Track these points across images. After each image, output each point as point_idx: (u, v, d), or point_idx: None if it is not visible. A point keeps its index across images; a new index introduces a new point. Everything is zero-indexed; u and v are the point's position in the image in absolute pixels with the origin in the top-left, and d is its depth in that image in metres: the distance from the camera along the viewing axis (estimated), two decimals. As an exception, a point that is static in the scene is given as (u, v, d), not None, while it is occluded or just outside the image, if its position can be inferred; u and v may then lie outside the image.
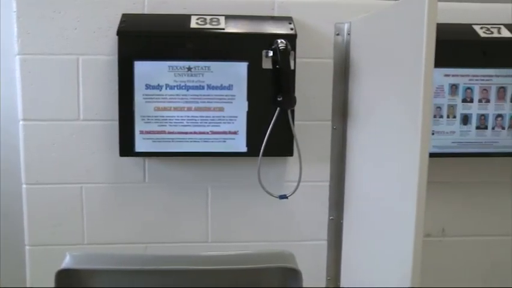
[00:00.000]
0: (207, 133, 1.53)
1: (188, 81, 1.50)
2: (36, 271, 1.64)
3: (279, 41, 1.46)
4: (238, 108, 1.52)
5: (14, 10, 1.53)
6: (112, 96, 1.56)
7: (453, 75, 1.55)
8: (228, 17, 1.55)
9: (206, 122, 1.52)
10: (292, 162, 1.64)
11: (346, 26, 1.60)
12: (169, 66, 1.49)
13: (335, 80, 1.63)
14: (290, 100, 1.49)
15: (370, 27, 1.45)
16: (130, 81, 1.49)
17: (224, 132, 1.53)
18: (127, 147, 1.52)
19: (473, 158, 1.62)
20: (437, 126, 1.56)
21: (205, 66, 1.50)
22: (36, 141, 1.59)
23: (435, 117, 1.56)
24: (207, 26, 1.52)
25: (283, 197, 1.57)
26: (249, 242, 1.68)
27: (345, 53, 1.61)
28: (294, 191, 1.57)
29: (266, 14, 1.60)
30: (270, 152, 1.52)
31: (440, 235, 1.74)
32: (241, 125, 1.53)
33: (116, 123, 1.53)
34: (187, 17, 1.54)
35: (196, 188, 1.66)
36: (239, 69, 1.51)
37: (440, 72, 1.54)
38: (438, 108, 1.56)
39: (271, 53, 1.49)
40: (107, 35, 1.56)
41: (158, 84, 1.50)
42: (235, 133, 1.53)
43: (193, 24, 1.52)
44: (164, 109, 1.51)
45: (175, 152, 1.53)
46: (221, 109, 1.52)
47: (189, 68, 1.50)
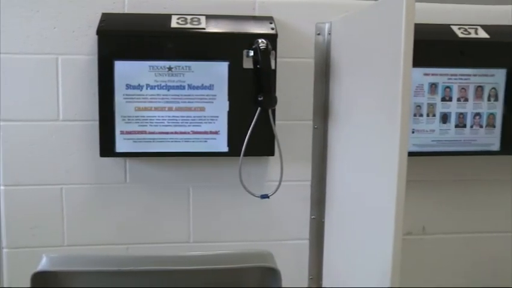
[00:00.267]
0: (188, 133, 1.52)
1: (169, 81, 1.50)
2: (14, 274, 1.62)
3: (260, 40, 1.46)
4: (219, 108, 1.52)
5: (-9, 9, 1.51)
6: (92, 96, 1.55)
7: (432, 74, 1.57)
8: (208, 17, 1.55)
9: (187, 122, 1.52)
10: (273, 162, 1.64)
11: (327, 25, 1.61)
12: (150, 66, 1.49)
13: (316, 79, 1.64)
14: (271, 100, 1.49)
15: (350, 27, 1.46)
16: (110, 81, 1.48)
17: (205, 132, 1.53)
18: (107, 147, 1.51)
19: (453, 156, 1.63)
20: (417, 125, 1.58)
21: (186, 66, 1.50)
22: (15, 142, 1.57)
23: (415, 115, 1.57)
24: (188, 25, 1.51)
25: (265, 196, 1.57)
26: (230, 242, 1.68)
27: (326, 52, 1.62)
28: (276, 190, 1.57)
29: (247, 13, 1.60)
30: (251, 152, 1.53)
31: (421, 233, 1.76)
32: (222, 124, 1.53)
33: (97, 123, 1.51)
34: (168, 17, 1.54)
35: (177, 188, 1.65)
36: (220, 69, 1.50)
37: (420, 72, 1.56)
38: (418, 106, 1.57)
39: (252, 53, 1.49)
40: (87, 34, 1.55)
41: (139, 84, 1.49)
42: (217, 133, 1.53)
43: (174, 23, 1.52)
44: (145, 109, 1.50)
45: (156, 152, 1.52)
46: (202, 109, 1.52)
47: (170, 68, 1.49)
